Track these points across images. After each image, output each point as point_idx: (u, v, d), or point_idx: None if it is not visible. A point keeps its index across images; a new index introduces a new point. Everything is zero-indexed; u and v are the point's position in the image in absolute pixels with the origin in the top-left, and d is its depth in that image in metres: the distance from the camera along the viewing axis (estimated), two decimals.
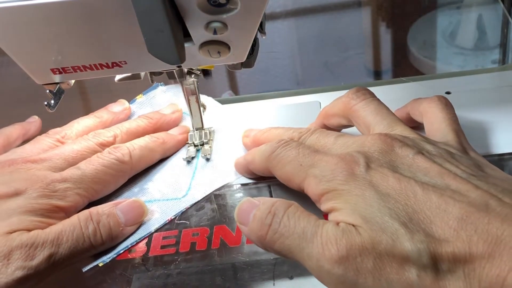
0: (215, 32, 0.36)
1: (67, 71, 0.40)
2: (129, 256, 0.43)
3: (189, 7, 0.34)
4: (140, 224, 0.44)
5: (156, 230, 0.44)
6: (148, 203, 0.45)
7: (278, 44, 0.78)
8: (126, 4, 0.33)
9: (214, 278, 0.40)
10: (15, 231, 0.39)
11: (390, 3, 0.87)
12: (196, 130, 0.51)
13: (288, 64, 0.77)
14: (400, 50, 0.79)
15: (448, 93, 0.52)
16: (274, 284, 0.40)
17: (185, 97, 0.48)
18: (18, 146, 0.50)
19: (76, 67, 0.39)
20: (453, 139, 0.39)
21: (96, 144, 0.47)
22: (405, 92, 0.46)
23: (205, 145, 0.50)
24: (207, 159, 0.49)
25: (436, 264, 0.30)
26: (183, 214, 0.45)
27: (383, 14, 0.84)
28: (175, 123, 0.52)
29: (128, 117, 0.54)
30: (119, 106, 0.53)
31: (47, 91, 0.42)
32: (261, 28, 0.40)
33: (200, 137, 0.50)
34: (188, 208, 0.45)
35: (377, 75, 0.81)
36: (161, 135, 0.49)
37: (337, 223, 0.33)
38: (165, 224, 0.44)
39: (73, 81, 0.43)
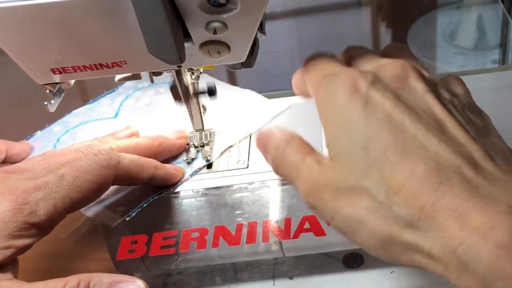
0: (215, 32, 0.36)
1: (67, 71, 0.39)
2: (129, 256, 0.43)
3: (189, 7, 0.34)
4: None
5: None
6: None
7: (278, 44, 0.78)
8: (126, 4, 0.33)
9: (214, 278, 0.40)
10: None
11: (390, 3, 0.87)
12: (197, 131, 0.51)
13: (288, 64, 0.77)
14: None
15: None
16: (274, 284, 0.40)
17: (185, 98, 0.48)
18: (2, 162, 0.48)
19: (76, 67, 0.39)
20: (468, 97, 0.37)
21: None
22: None
23: (205, 146, 0.50)
24: (207, 160, 0.49)
25: (390, 202, 0.30)
26: (184, 214, 0.45)
27: (383, 14, 0.84)
28: (178, 150, 0.50)
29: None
30: (126, 131, 0.51)
31: (47, 91, 0.42)
32: (261, 28, 0.40)
33: (201, 139, 0.50)
34: (201, 168, 0.49)
35: None
36: (154, 160, 0.46)
37: (320, 160, 0.34)
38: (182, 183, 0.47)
39: (73, 81, 0.43)
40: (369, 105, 0.32)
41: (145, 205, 0.45)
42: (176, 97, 0.47)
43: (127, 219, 0.44)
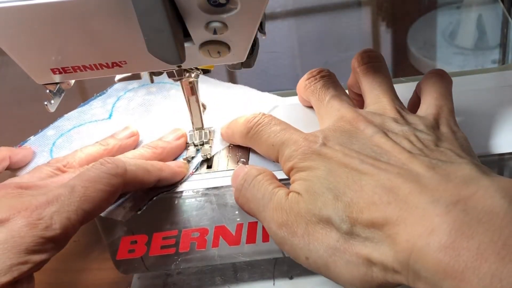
0: (215, 32, 0.36)
1: (67, 71, 0.40)
2: (129, 256, 0.43)
3: (189, 7, 0.34)
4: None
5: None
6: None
7: (278, 44, 0.78)
8: (126, 4, 0.33)
9: (214, 278, 0.40)
10: None
11: (390, 3, 0.87)
12: (196, 130, 0.51)
13: (288, 64, 0.77)
14: (400, 50, 0.79)
15: None
16: (274, 284, 0.40)
17: (184, 97, 0.48)
18: (6, 169, 0.48)
19: (76, 67, 0.39)
20: (431, 114, 0.41)
21: None
22: (405, 92, 0.46)
23: (205, 145, 0.50)
24: (207, 159, 0.49)
25: (354, 230, 0.33)
26: (185, 214, 0.45)
27: (383, 14, 0.84)
28: (181, 150, 0.51)
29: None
30: (126, 131, 0.51)
31: (47, 91, 0.42)
32: (261, 28, 0.40)
33: (200, 137, 0.50)
34: (203, 161, 0.49)
35: None
36: (159, 163, 0.47)
37: (288, 193, 0.37)
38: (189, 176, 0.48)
39: (73, 81, 0.43)
40: (324, 161, 0.37)
41: (155, 198, 0.46)
42: (170, 74, 0.47)
43: (138, 212, 0.44)
